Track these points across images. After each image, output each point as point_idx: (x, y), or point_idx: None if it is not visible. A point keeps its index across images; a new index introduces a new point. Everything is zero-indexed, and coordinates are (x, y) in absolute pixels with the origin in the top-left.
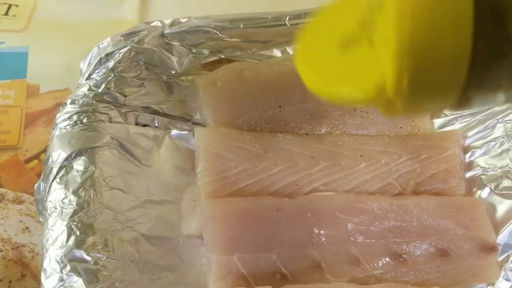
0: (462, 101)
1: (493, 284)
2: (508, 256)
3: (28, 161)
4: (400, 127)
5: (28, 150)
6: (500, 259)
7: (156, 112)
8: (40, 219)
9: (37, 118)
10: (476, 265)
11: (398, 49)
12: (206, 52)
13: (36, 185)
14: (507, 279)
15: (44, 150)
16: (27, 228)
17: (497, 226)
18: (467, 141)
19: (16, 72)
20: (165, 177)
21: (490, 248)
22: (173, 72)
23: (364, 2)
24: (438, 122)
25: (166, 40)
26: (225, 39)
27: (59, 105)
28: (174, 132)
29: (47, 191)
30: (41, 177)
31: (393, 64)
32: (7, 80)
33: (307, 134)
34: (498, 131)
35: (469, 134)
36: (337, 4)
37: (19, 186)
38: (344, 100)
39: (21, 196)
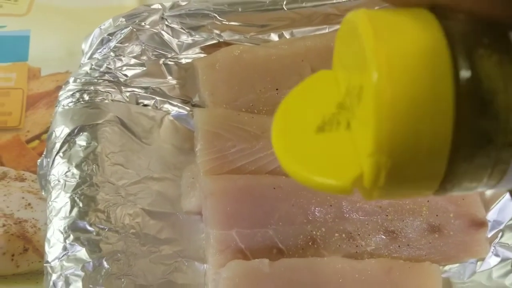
0: (442, 191)
1: (483, 259)
2: (498, 232)
3: (29, 141)
4: None
5: (29, 131)
6: (489, 235)
7: (155, 93)
8: (43, 193)
9: (38, 100)
10: (466, 240)
11: (375, 147)
12: (205, 35)
13: (39, 161)
14: (496, 255)
15: (45, 131)
16: (29, 204)
17: (487, 204)
18: None
19: (17, 55)
20: (165, 155)
21: (479, 224)
22: (172, 54)
23: (344, 82)
24: None
25: (166, 23)
26: (224, 22)
27: (60, 87)
28: (173, 113)
29: (50, 165)
30: (44, 153)
31: (370, 162)
32: (9, 62)
33: None
34: None
35: None
36: (318, 77)
37: (21, 165)
38: (317, 188)
39: (23, 174)
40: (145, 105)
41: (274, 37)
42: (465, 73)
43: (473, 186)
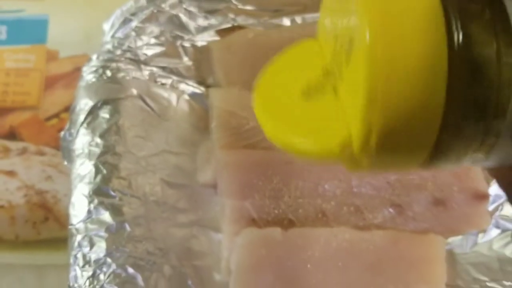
0: (429, 162)
1: (484, 231)
2: (498, 206)
3: (48, 119)
4: None
5: (48, 110)
6: (490, 208)
7: (172, 73)
8: (65, 163)
9: (57, 81)
10: (469, 213)
11: (367, 105)
12: (220, 19)
13: (62, 133)
14: (497, 226)
15: (64, 110)
16: (49, 176)
17: (489, 178)
18: None
19: (36, 38)
20: (181, 132)
21: (481, 197)
22: (189, 36)
23: (329, 48)
24: None
25: (184, 6)
26: (239, 6)
27: (78, 69)
28: (189, 92)
29: (74, 136)
30: (67, 126)
31: (361, 121)
32: (27, 45)
33: None
34: None
35: None
36: (301, 47)
37: (41, 141)
38: (304, 154)
39: (43, 148)
40: (163, 84)
41: (286, 21)
42: (457, 37)
43: (459, 159)
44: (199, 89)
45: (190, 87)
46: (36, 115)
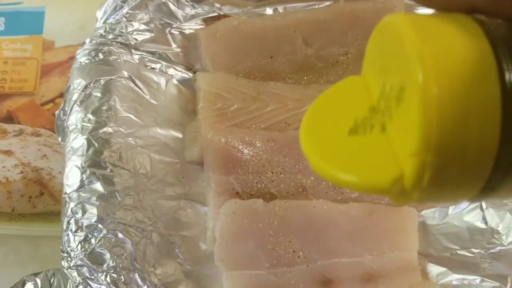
0: (479, 196)
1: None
2: None
3: (44, 104)
4: None
5: (44, 96)
6: None
7: (162, 58)
8: (59, 139)
9: (52, 69)
10: None
11: (422, 147)
12: (207, 8)
13: (56, 112)
14: None
15: (59, 96)
16: (45, 155)
17: None
18: None
19: (33, 29)
20: (170, 113)
21: None
22: (177, 24)
23: (377, 88)
24: None
25: None
26: None
27: (72, 58)
28: (178, 77)
29: (68, 113)
30: (61, 105)
31: (415, 161)
32: (25, 35)
33: (294, 83)
34: None
35: None
36: (346, 83)
37: (37, 123)
38: (353, 188)
39: (39, 130)
40: (152, 68)
41: (269, 11)
42: (510, 76)
43: (510, 193)
44: (187, 74)
45: (178, 72)
46: (33, 100)
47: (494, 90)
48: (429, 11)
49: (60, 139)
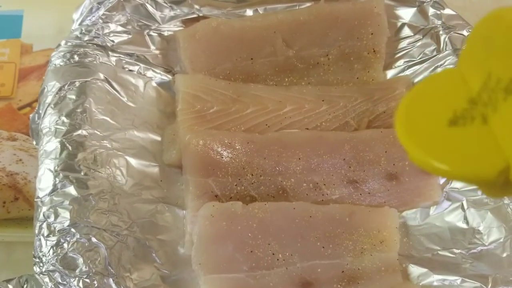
0: None
1: (436, 204)
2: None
3: (21, 108)
4: (357, 78)
5: (21, 100)
6: (441, 182)
7: (140, 60)
8: (34, 143)
9: (30, 73)
10: (421, 186)
11: None
12: (185, 9)
13: (31, 115)
14: (448, 199)
15: (36, 100)
16: (20, 160)
17: None
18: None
19: (11, 33)
20: (148, 116)
21: None
22: (156, 26)
23: (477, 80)
24: (390, 73)
25: None
26: None
27: None
28: (156, 79)
29: (42, 116)
30: (36, 108)
31: None
32: (3, 39)
33: (276, 85)
34: None
35: (416, 80)
36: (441, 75)
37: (13, 127)
38: (454, 178)
39: (15, 135)
40: (130, 70)
41: (249, 12)
42: None
43: None
44: (166, 77)
45: (157, 74)
46: (10, 104)
47: None
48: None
49: (34, 142)
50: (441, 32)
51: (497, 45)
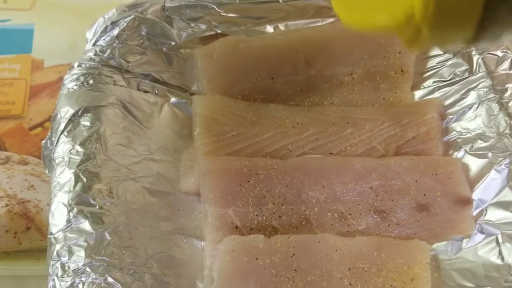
0: (477, 33)
1: (469, 237)
2: (482, 211)
3: (32, 128)
4: (383, 98)
5: (32, 119)
6: (474, 213)
7: (156, 80)
8: (47, 172)
9: (41, 90)
10: (453, 218)
11: None
12: (203, 26)
13: (43, 141)
14: (481, 232)
15: (48, 119)
16: (32, 186)
17: (472, 184)
18: (445, 110)
19: (21, 48)
20: (164, 139)
21: (465, 201)
22: (172, 44)
23: None
24: (418, 93)
25: (167, 13)
26: (222, 13)
27: (62, 78)
28: (173, 100)
29: (55, 144)
30: (49, 134)
31: None
32: (13, 54)
33: (297, 105)
34: (472, 98)
35: (446, 102)
36: None
37: (24, 150)
38: (374, 27)
39: (26, 158)
40: (146, 91)
41: (269, 29)
42: None
43: (503, 33)
44: (183, 97)
45: (174, 94)
46: (21, 124)
47: None
48: None
49: (47, 170)
50: (473, 53)
51: None
